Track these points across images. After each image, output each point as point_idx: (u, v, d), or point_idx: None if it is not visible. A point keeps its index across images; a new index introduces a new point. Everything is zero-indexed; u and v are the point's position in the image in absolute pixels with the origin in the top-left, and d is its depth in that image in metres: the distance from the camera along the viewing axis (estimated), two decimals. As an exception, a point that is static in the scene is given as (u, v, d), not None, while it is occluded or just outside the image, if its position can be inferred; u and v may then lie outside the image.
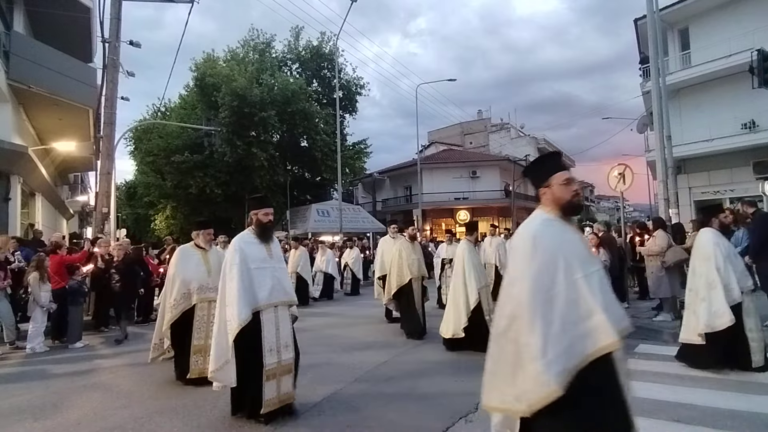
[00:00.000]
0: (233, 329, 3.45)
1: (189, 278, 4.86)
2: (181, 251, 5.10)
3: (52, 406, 4.34)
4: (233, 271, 3.60)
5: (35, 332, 6.64)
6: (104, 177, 10.72)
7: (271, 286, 3.67)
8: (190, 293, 4.83)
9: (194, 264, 4.95)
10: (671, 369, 4.83)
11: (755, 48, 11.43)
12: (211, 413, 3.99)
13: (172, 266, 4.98)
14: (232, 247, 3.76)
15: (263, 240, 3.85)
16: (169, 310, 4.81)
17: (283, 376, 3.63)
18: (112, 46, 10.67)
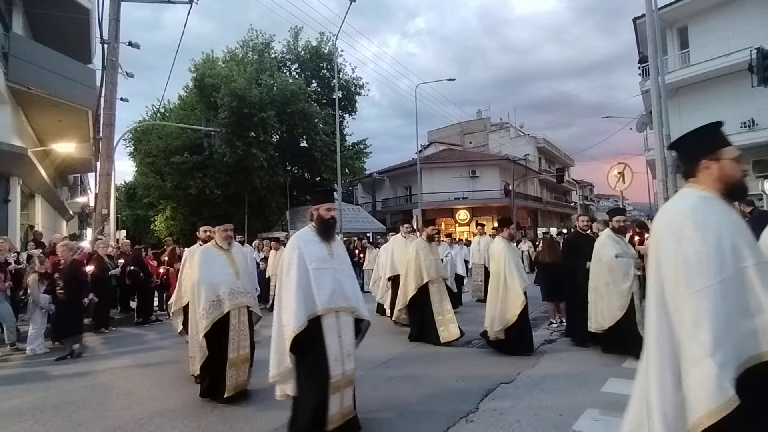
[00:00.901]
0: (288, 336, 3.13)
1: (217, 283, 4.26)
2: (204, 252, 4.46)
3: (53, 408, 4.34)
4: (291, 272, 3.25)
5: (35, 334, 6.64)
6: (104, 178, 10.72)
7: (331, 290, 3.28)
8: (221, 300, 4.23)
9: (219, 266, 4.36)
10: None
11: (754, 46, 11.45)
12: (212, 414, 3.99)
13: (195, 270, 4.36)
14: (290, 245, 3.42)
15: (324, 238, 3.46)
16: (201, 320, 4.20)
17: (346, 389, 3.30)
18: (111, 47, 10.68)
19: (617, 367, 4.97)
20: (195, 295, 4.27)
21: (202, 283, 4.24)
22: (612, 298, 5.43)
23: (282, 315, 3.24)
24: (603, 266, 5.57)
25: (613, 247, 5.52)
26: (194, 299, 4.29)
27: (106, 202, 10.67)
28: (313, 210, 3.52)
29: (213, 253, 4.46)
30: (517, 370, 4.98)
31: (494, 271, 5.95)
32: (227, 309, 4.23)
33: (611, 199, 65.60)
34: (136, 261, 9.61)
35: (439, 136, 44.86)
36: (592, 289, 5.73)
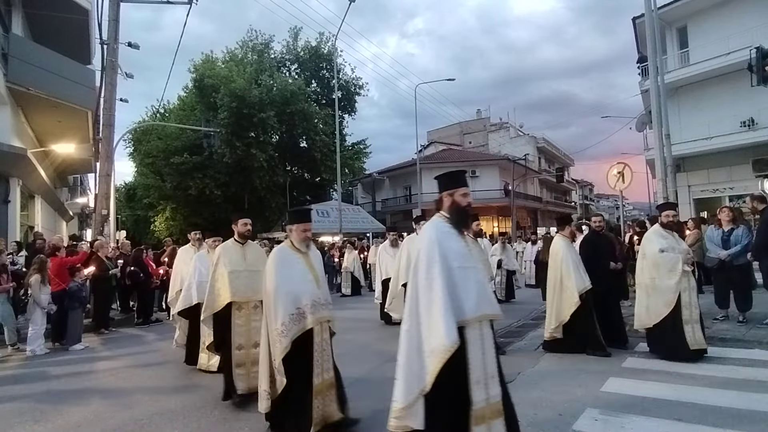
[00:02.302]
0: (439, 355, 2.38)
1: (297, 292, 3.45)
2: (280, 253, 3.64)
3: (53, 408, 4.34)
4: (433, 272, 2.56)
5: (35, 334, 6.65)
6: (103, 179, 10.73)
7: (477, 293, 2.65)
8: (303, 313, 3.41)
9: (299, 272, 3.55)
10: (671, 367, 4.82)
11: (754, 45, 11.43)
12: (212, 415, 3.99)
13: (270, 276, 3.50)
14: (428, 238, 2.68)
15: (460, 230, 2.82)
16: (278, 339, 3.32)
17: (493, 420, 2.57)
18: (111, 48, 10.69)
19: (617, 367, 4.98)
20: (270, 307, 3.44)
21: (279, 292, 3.41)
22: (658, 294, 5.21)
23: (420, 328, 2.51)
24: (648, 262, 5.36)
25: (659, 242, 5.29)
26: (269, 312, 3.46)
27: (105, 203, 10.67)
28: (446, 196, 2.82)
29: (290, 256, 3.63)
30: (517, 369, 4.98)
31: (552, 269, 5.77)
32: (310, 324, 3.42)
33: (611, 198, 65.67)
34: (136, 262, 9.61)
35: (438, 136, 44.88)
36: (638, 285, 5.56)
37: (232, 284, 4.29)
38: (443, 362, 2.37)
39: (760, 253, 6.36)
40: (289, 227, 3.71)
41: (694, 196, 17.35)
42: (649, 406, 3.76)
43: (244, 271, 4.37)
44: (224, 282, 4.32)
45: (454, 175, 2.94)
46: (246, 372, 4.19)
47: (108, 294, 8.82)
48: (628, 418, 3.51)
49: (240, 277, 4.33)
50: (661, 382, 4.38)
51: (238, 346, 4.26)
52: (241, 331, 4.29)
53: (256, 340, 4.09)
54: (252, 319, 4.30)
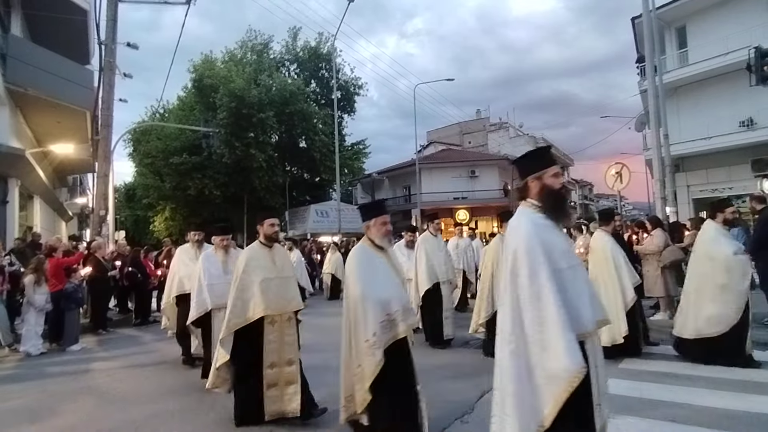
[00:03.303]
0: (561, 381, 1.90)
1: (386, 297, 3.00)
2: (361, 253, 3.20)
3: (48, 410, 4.33)
4: (540, 277, 2.03)
5: (29, 335, 6.64)
6: (101, 179, 10.72)
7: (590, 297, 2.17)
8: (394, 320, 2.96)
9: (385, 274, 3.14)
10: (668, 368, 4.82)
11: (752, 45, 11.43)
12: (208, 417, 3.99)
13: (354, 279, 3.08)
14: (525, 234, 2.13)
15: (559, 220, 2.31)
16: (369, 352, 2.87)
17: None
18: (109, 48, 10.67)
19: (615, 368, 4.95)
20: (358, 316, 2.98)
21: (367, 297, 2.97)
22: (729, 301, 4.75)
23: (529, 348, 2.00)
24: (718, 265, 4.82)
25: (730, 244, 4.87)
26: (355, 322, 3.00)
27: (104, 203, 10.66)
28: (532, 181, 2.29)
29: (372, 256, 3.18)
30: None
31: (598, 268, 5.38)
32: (402, 333, 2.98)
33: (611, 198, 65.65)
34: (133, 262, 9.61)
35: (438, 136, 44.84)
36: (694, 290, 5.06)
37: (264, 294, 3.72)
38: (569, 391, 1.88)
39: (757, 253, 6.35)
40: (366, 224, 3.25)
41: (693, 196, 17.34)
42: (644, 407, 3.76)
43: (275, 278, 3.83)
44: (255, 292, 3.72)
45: (539, 154, 2.45)
46: (279, 393, 3.71)
47: (105, 295, 8.82)
48: (623, 419, 3.50)
49: (272, 285, 3.79)
50: (657, 383, 4.38)
51: (271, 364, 3.73)
52: (274, 347, 3.75)
53: (289, 357, 3.77)
54: (285, 333, 3.80)
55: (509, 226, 2.32)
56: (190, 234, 6.10)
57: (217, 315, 4.56)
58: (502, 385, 2.10)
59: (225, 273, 4.73)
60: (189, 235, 6.19)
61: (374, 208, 3.36)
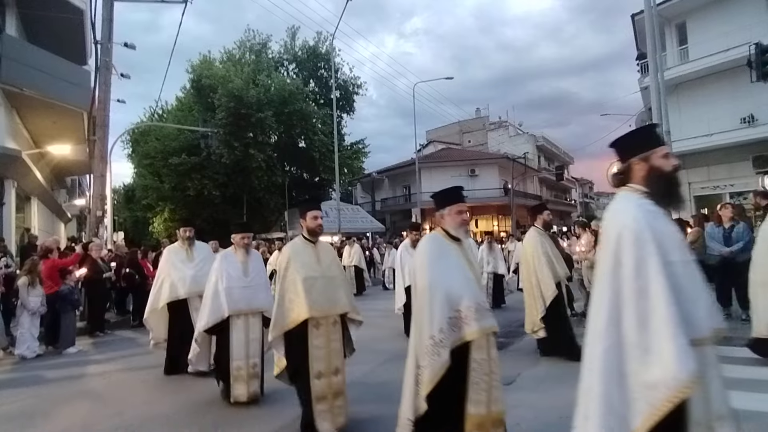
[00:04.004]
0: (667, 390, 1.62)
1: (457, 291, 2.62)
2: (433, 242, 2.84)
3: (42, 414, 4.25)
4: (648, 269, 1.75)
5: (22, 338, 6.54)
6: (98, 180, 10.63)
7: (706, 299, 1.88)
8: (464, 318, 2.57)
9: (457, 266, 2.75)
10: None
11: (753, 42, 11.36)
12: (204, 420, 3.90)
13: (423, 269, 2.71)
14: (632, 220, 1.83)
15: (669, 208, 2.06)
16: (432, 351, 2.48)
17: None
18: (105, 47, 10.59)
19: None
20: (423, 310, 2.60)
21: (435, 289, 2.59)
22: None
23: (626, 350, 1.73)
24: None
25: None
26: (420, 316, 2.63)
27: (100, 204, 10.58)
28: (636, 163, 1.99)
29: (446, 246, 2.81)
30: (518, 370, 4.89)
31: None
32: (471, 335, 2.55)
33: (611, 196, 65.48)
34: (131, 263, 9.52)
35: (437, 135, 44.79)
36: (762, 284, 4.81)
37: (308, 294, 3.35)
38: (672, 404, 1.61)
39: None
40: (440, 213, 2.90)
41: (694, 193, 17.24)
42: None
43: (320, 277, 3.46)
44: (298, 291, 3.36)
45: (645, 132, 2.14)
46: (329, 407, 3.32)
47: (102, 296, 8.72)
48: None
49: (316, 285, 3.41)
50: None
51: (318, 373, 3.32)
52: (321, 354, 3.35)
53: (336, 365, 3.40)
54: (332, 338, 3.43)
55: (611, 210, 1.99)
56: (180, 231, 5.57)
57: (236, 323, 4.22)
58: (588, 387, 1.81)
59: (245, 275, 4.33)
60: (178, 232, 5.61)
61: (449, 195, 2.96)
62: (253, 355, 4.21)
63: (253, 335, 4.25)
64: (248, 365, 4.17)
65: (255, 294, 4.34)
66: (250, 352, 4.20)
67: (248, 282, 4.32)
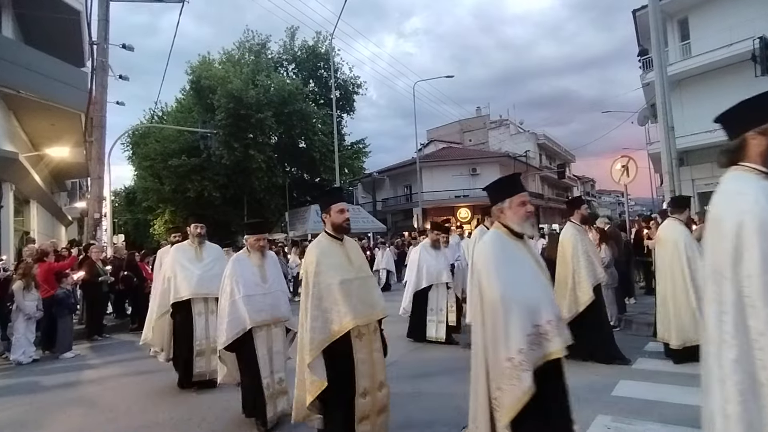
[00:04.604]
0: None
1: (535, 302, 2.26)
2: (497, 242, 2.40)
3: (34, 422, 4.14)
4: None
5: (18, 343, 6.43)
6: (95, 182, 10.54)
7: None
8: (545, 334, 2.21)
9: (529, 271, 2.39)
10: (686, 368, 4.58)
11: (757, 36, 11.23)
12: (200, 428, 3.78)
13: (491, 276, 2.28)
14: (755, 203, 1.59)
15: None
16: (512, 374, 2.11)
17: None
18: (101, 48, 10.50)
19: (628, 369, 4.74)
20: (497, 325, 2.20)
21: (511, 301, 2.19)
22: None
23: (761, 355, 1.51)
24: None
25: None
26: (495, 333, 2.22)
27: (98, 206, 10.48)
28: (753, 137, 1.75)
29: (511, 247, 2.41)
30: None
31: (669, 263, 4.96)
32: (557, 353, 2.24)
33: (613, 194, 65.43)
34: (129, 266, 9.41)
35: (438, 134, 44.64)
36: None
37: (348, 300, 2.88)
38: None
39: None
40: (498, 206, 2.47)
41: (698, 190, 17.08)
42: (664, 412, 3.54)
43: (355, 279, 3.02)
44: (336, 298, 2.89)
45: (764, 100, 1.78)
46: (371, 427, 2.92)
47: (100, 300, 8.60)
48: (643, 425, 3.29)
49: (353, 288, 2.97)
50: (676, 384, 4.15)
51: (363, 391, 2.88)
52: (365, 369, 2.91)
53: (381, 378, 2.98)
54: (374, 348, 2.98)
55: (723, 193, 1.76)
56: (190, 227, 4.97)
57: (259, 335, 3.74)
58: (719, 402, 1.57)
59: (263, 281, 3.87)
60: (189, 229, 5.00)
61: (509, 185, 2.54)
62: (277, 369, 3.80)
63: (276, 347, 3.82)
64: (274, 381, 3.74)
65: (277, 302, 3.89)
66: (274, 366, 3.77)
67: (267, 288, 3.86)
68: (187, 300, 4.68)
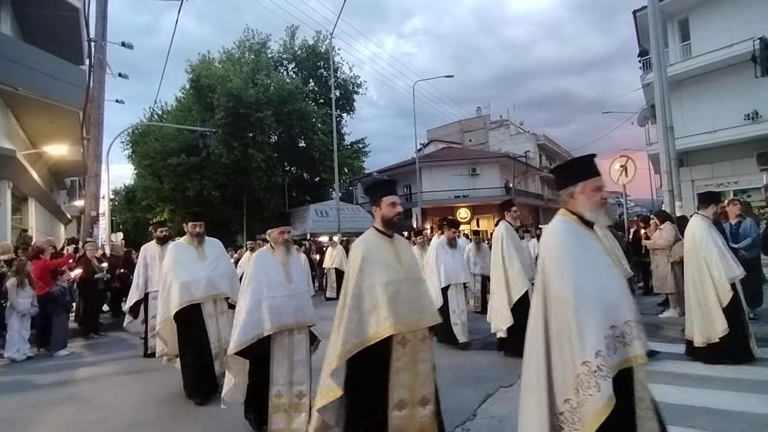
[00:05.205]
0: None
1: (613, 299, 1.99)
2: (568, 230, 2.15)
3: (25, 420, 4.10)
4: None
5: (12, 340, 6.40)
6: (92, 179, 10.51)
7: None
8: (624, 336, 1.95)
9: (605, 264, 2.11)
10: (683, 368, 4.56)
11: (757, 36, 11.19)
12: (192, 427, 3.75)
13: (564, 268, 2.04)
14: None
15: None
16: (589, 381, 1.84)
17: None
18: (99, 45, 10.47)
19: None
20: (570, 324, 1.92)
21: (586, 297, 1.93)
22: None
23: None
24: None
25: None
26: (566, 332, 1.93)
27: (95, 204, 10.45)
28: None
29: (584, 236, 2.14)
30: (518, 372, 4.69)
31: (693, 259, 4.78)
32: (639, 359, 1.99)
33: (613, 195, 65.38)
34: (126, 263, 9.38)
35: (438, 134, 44.61)
36: None
37: (392, 304, 2.61)
38: None
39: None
40: (569, 191, 2.20)
41: (698, 190, 17.01)
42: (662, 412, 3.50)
43: (404, 280, 2.72)
44: (378, 300, 2.63)
45: None
46: None
47: (96, 298, 8.57)
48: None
49: (400, 290, 2.68)
50: (673, 385, 4.12)
51: (399, 403, 2.59)
52: (404, 379, 2.61)
53: (425, 393, 2.66)
54: (420, 359, 2.68)
55: None
56: (188, 225, 4.63)
57: (279, 341, 3.35)
58: None
59: (288, 281, 3.48)
60: (186, 227, 4.66)
61: (582, 167, 2.24)
62: (298, 381, 3.33)
63: (298, 356, 3.38)
64: (292, 393, 3.30)
65: (302, 304, 3.48)
66: (294, 377, 3.33)
67: (293, 289, 3.46)
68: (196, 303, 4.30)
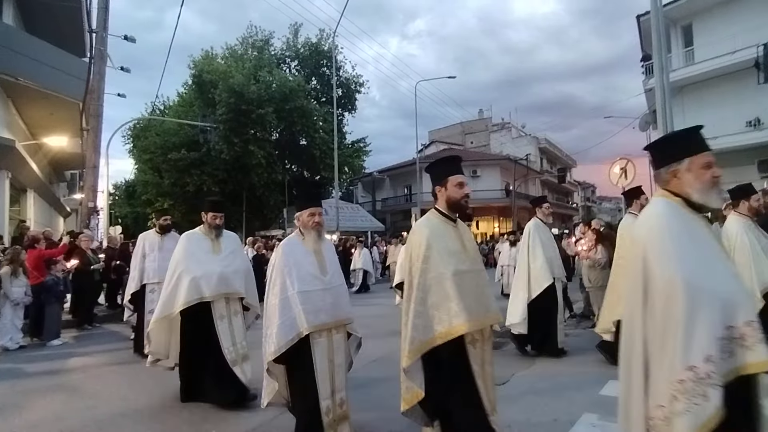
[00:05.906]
0: None
1: (729, 296, 1.68)
2: (671, 213, 1.82)
3: (14, 407, 4.08)
4: None
5: (4, 328, 6.37)
6: (90, 171, 10.49)
7: None
8: (740, 338, 1.64)
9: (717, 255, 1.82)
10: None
11: (761, 43, 11.18)
12: (179, 416, 3.72)
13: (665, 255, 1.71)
14: None
15: None
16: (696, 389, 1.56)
17: None
18: (100, 36, 10.47)
19: (617, 369, 4.67)
20: (676, 321, 1.62)
21: (698, 291, 1.62)
22: None
23: None
24: None
25: None
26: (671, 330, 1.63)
27: (92, 196, 10.43)
28: None
29: (691, 222, 1.83)
30: (511, 371, 4.70)
31: None
32: (761, 366, 1.65)
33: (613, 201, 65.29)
34: (122, 255, 9.35)
35: (440, 135, 44.62)
36: None
37: (462, 297, 2.34)
38: None
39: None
40: (670, 169, 1.90)
41: (698, 196, 17.04)
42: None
43: (469, 271, 2.47)
44: (447, 293, 2.35)
45: None
46: None
47: (90, 289, 8.53)
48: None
49: (466, 282, 2.41)
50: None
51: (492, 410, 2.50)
52: (481, 386, 2.41)
53: (491, 397, 2.47)
54: (486, 360, 2.47)
55: None
56: (207, 216, 4.11)
57: (318, 342, 2.91)
58: None
59: (322, 273, 3.02)
60: (206, 217, 4.13)
61: (688, 141, 1.94)
62: (339, 387, 2.97)
63: (338, 359, 2.98)
64: (335, 403, 2.92)
65: (338, 299, 3.04)
66: (336, 384, 2.94)
67: (328, 282, 3.00)
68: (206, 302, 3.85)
